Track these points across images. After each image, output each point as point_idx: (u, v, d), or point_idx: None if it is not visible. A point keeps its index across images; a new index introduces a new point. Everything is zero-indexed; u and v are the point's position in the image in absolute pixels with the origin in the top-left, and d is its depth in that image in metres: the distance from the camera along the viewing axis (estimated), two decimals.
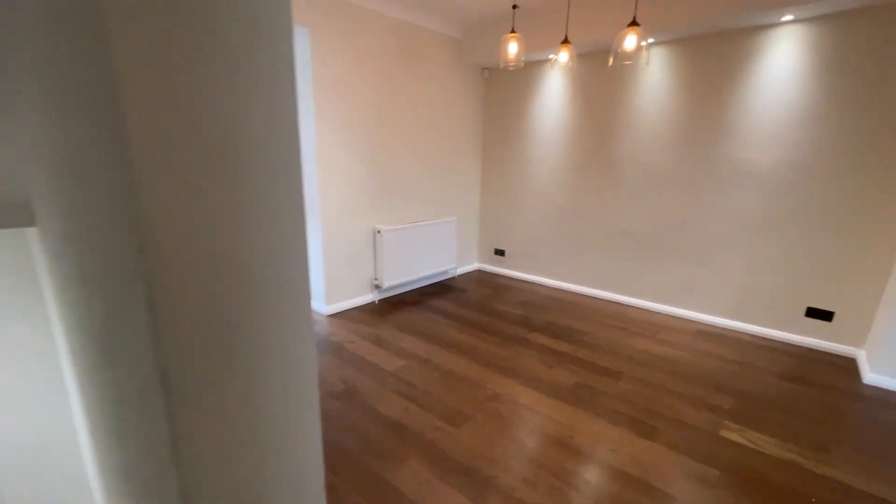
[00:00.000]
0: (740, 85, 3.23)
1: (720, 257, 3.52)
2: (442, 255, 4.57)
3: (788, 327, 3.29)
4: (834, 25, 2.85)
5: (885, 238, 2.85)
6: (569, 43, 2.86)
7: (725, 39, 3.24)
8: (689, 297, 3.73)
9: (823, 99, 2.94)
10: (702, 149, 3.47)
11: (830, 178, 2.98)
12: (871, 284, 2.94)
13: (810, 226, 3.10)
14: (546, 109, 4.33)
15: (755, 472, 1.93)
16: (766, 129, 3.17)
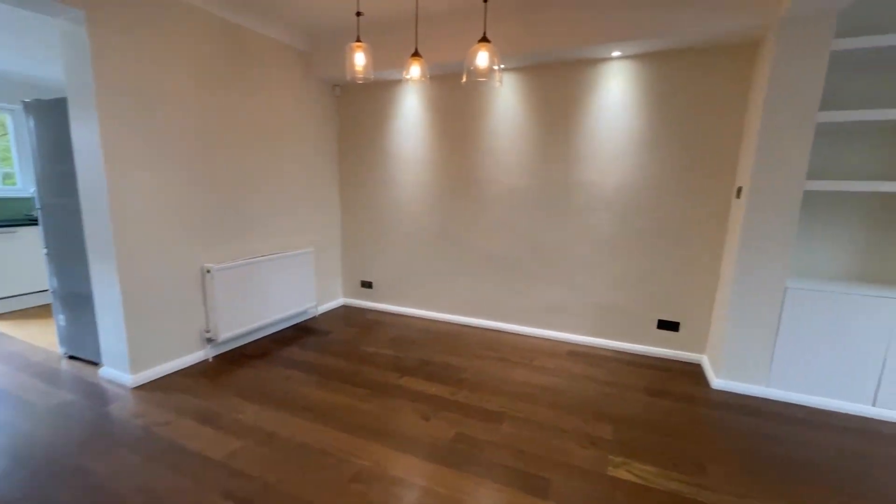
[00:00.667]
0: (584, 112, 3.38)
1: (580, 277, 3.59)
2: (298, 293, 3.91)
3: (644, 340, 3.46)
4: (655, 63, 3.13)
5: (709, 253, 3.17)
6: (419, 56, 2.61)
7: (570, 70, 3.38)
8: (557, 318, 3.74)
9: (652, 127, 3.20)
10: (556, 172, 3.55)
11: (665, 199, 3.24)
12: (705, 296, 3.23)
13: (654, 243, 3.32)
14: (406, 130, 4.07)
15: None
16: (609, 153, 3.35)
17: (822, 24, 2.40)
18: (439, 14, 3.32)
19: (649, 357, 3.41)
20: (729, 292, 2.80)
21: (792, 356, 2.68)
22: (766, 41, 2.62)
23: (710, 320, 3.23)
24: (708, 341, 3.24)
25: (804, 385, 2.68)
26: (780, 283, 2.66)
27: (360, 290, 4.62)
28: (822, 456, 2.18)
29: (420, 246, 4.20)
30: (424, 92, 3.94)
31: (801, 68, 2.46)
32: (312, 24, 3.58)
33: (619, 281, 3.47)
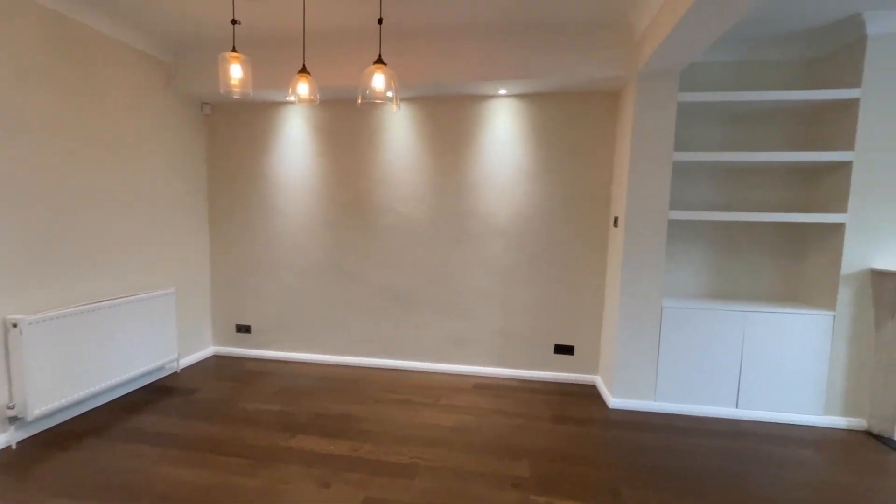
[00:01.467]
0: (477, 145, 3.45)
1: (481, 306, 3.57)
2: (154, 345, 3.18)
3: (545, 366, 3.53)
4: (538, 103, 3.35)
5: (595, 277, 3.40)
6: (308, 73, 2.38)
7: (462, 103, 3.45)
8: (461, 351, 3.63)
9: (538, 160, 3.39)
10: (452, 202, 3.53)
11: (553, 228, 3.41)
12: (594, 319, 3.44)
13: (547, 270, 3.45)
14: (292, 157, 3.71)
15: None
16: (501, 184, 3.45)
17: (669, 79, 2.79)
18: (328, 35, 3.13)
19: (550, 383, 3.47)
20: (615, 314, 3.00)
21: (672, 370, 2.94)
22: (628, 90, 2.98)
23: (600, 342, 3.43)
24: (600, 362, 3.43)
25: (685, 395, 2.94)
26: (658, 303, 2.93)
27: (235, 336, 3.97)
28: (711, 461, 2.36)
29: (308, 282, 3.79)
30: (313, 116, 3.66)
31: (658, 115, 2.82)
32: (175, 32, 3.10)
33: (517, 308, 3.52)
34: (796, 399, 2.83)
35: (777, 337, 2.81)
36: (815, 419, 2.82)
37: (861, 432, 2.75)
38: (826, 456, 2.45)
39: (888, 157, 2.65)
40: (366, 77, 2.27)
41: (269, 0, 2.62)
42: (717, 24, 2.14)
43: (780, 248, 3.12)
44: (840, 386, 2.79)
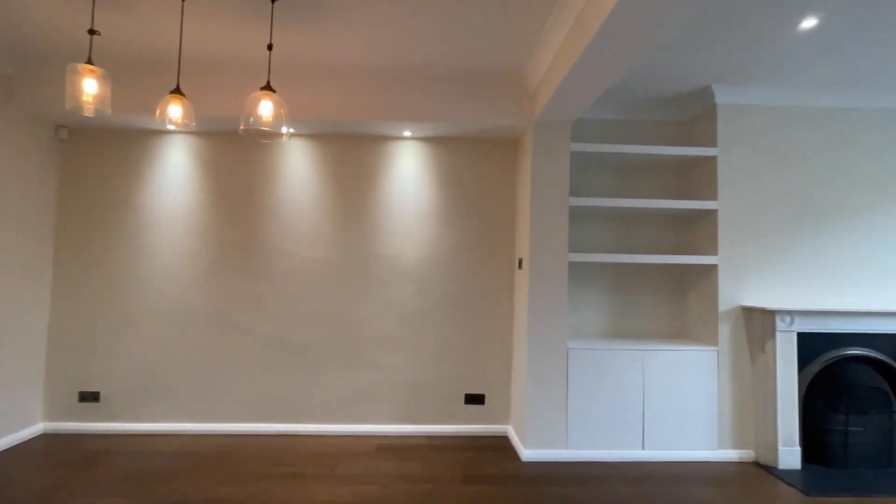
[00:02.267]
0: (381, 186, 3.33)
1: (386, 356, 3.28)
2: None
3: (454, 419, 3.29)
4: (443, 146, 3.36)
5: (503, 321, 3.33)
6: (182, 95, 2.10)
7: (366, 143, 3.34)
8: (363, 408, 3.26)
9: (443, 203, 3.34)
10: (356, 244, 3.31)
11: (460, 271, 3.32)
12: (504, 364, 3.33)
13: (455, 315, 3.31)
14: (170, 190, 3.25)
15: None
16: (406, 227, 3.32)
17: (563, 130, 2.96)
18: (213, 60, 2.87)
19: (461, 437, 3.23)
20: (523, 358, 2.92)
21: (581, 413, 2.88)
22: (526, 138, 3.10)
23: (511, 389, 3.31)
24: (511, 410, 3.28)
25: (595, 440, 2.88)
26: (564, 344, 2.90)
27: (77, 406, 3.18)
28: None
29: (181, 335, 3.21)
30: (198, 148, 3.28)
31: (554, 162, 2.95)
32: (18, 40, 2.62)
33: (426, 357, 3.30)
34: (693, 435, 2.91)
35: (673, 373, 2.92)
36: (710, 454, 2.90)
37: (750, 463, 2.88)
38: (721, 492, 2.49)
39: (744, 205, 3.01)
40: (250, 103, 2.06)
41: (136, 9, 2.32)
42: (596, 82, 2.31)
43: (668, 287, 3.34)
44: (728, 419, 2.93)
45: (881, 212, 3.03)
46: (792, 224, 3.01)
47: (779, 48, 2.50)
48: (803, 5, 2.11)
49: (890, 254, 3.02)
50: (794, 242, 3.00)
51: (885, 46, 2.46)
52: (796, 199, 3.02)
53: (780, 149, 3.04)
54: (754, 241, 3.00)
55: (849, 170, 3.04)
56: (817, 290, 3.00)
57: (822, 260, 3.00)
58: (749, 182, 3.02)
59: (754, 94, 3.01)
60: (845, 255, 3.01)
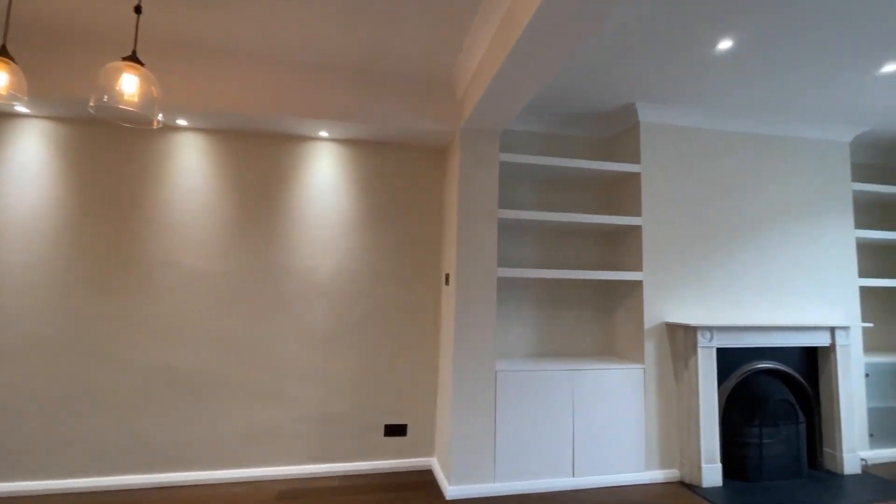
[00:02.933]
0: (293, 190, 2.96)
1: (294, 386, 2.86)
2: None
3: (373, 454, 2.92)
4: (364, 150, 3.07)
5: (428, 342, 3.06)
6: (8, 59, 1.64)
7: (276, 143, 2.96)
8: (263, 448, 2.79)
9: (364, 212, 3.04)
10: (261, 255, 2.88)
11: (382, 287, 3.02)
12: (428, 390, 3.04)
13: (375, 335, 2.98)
14: (13, 186, 2.63)
15: None
16: (322, 237, 2.97)
17: (492, 138, 2.81)
18: (72, 30, 2.37)
19: (380, 473, 2.86)
20: (449, 384, 2.66)
21: (510, 443, 2.66)
22: (454, 146, 2.91)
23: (436, 417, 3.02)
24: (436, 440, 2.99)
25: (524, 470, 2.66)
26: (492, 367, 2.69)
27: None
28: None
29: (20, 369, 2.56)
30: (56, 136, 2.69)
31: (483, 172, 2.78)
32: None
33: (341, 385, 2.91)
34: (622, 457, 2.80)
35: (601, 393, 2.81)
36: (638, 476, 2.81)
37: (676, 483, 2.82)
38: None
39: (665, 222, 3.04)
40: (106, 75, 1.63)
41: None
42: (525, 86, 2.17)
43: (596, 304, 3.28)
44: (654, 438, 2.87)
45: (785, 232, 3.21)
46: (707, 242, 3.09)
47: (697, 70, 2.55)
48: (719, 27, 2.14)
49: (791, 271, 3.19)
50: (709, 259, 3.07)
51: (792, 76, 2.59)
52: (711, 217, 3.11)
53: (696, 169, 3.13)
54: (675, 257, 3.03)
55: (758, 192, 3.20)
56: (731, 305, 3.08)
57: (732, 277, 3.10)
58: (670, 199, 3.06)
59: (674, 115, 3.08)
60: (753, 273, 3.13)
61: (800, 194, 3.26)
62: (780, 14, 2.06)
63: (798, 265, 3.20)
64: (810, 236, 3.25)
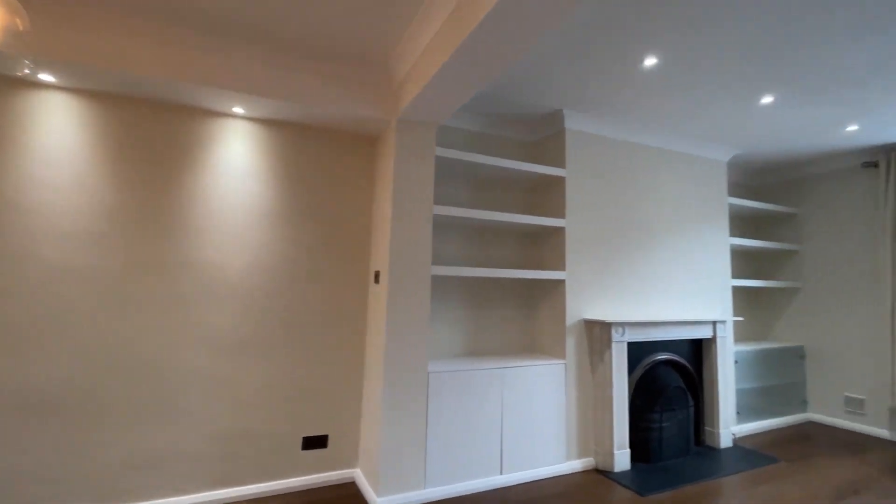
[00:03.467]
0: (198, 172, 2.55)
1: (196, 402, 2.46)
2: None
3: (290, 471, 2.64)
4: (287, 133, 2.77)
5: (353, 345, 2.87)
6: None
7: (177, 114, 2.52)
8: (154, 477, 2.35)
9: (284, 202, 2.74)
10: (154, 248, 2.43)
11: (302, 286, 2.75)
12: (352, 396, 2.84)
13: (294, 342, 2.70)
14: None
15: None
16: (232, 228, 2.61)
17: (429, 131, 2.72)
18: None
19: (298, 491, 2.59)
20: (378, 388, 2.50)
21: (441, 445, 2.59)
22: (387, 136, 2.76)
23: (360, 425, 2.83)
24: (360, 450, 2.80)
25: (454, 473, 2.61)
26: (424, 368, 2.59)
27: None
28: None
29: None
30: None
31: (418, 165, 2.67)
32: None
33: (254, 396, 2.58)
34: (545, 450, 2.90)
35: (527, 390, 2.88)
36: (560, 467, 2.93)
37: (592, 471, 3.00)
38: (559, 498, 2.49)
39: (586, 224, 3.22)
40: None
41: None
42: (471, 81, 2.12)
43: (521, 302, 3.36)
44: (574, 430, 3.03)
45: (677, 238, 3.60)
46: (617, 244, 3.34)
47: (620, 84, 2.73)
48: (647, 44, 2.30)
49: (680, 272, 3.60)
50: (618, 260, 3.33)
51: (689, 96, 2.90)
52: (621, 222, 3.37)
53: (611, 176, 3.36)
54: (592, 257, 3.22)
55: (657, 201, 3.55)
56: (635, 303, 3.37)
57: (636, 276, 3.40)
58: (589, 203, 3.25)
59: (595, 124, 3.28)
60: (652, 273, 3.46)
61: (687, 205, 3.70)
62: (694, 35, 2.27)
63: (685, 267, 3.62)
64: (696, 242, 3.70)
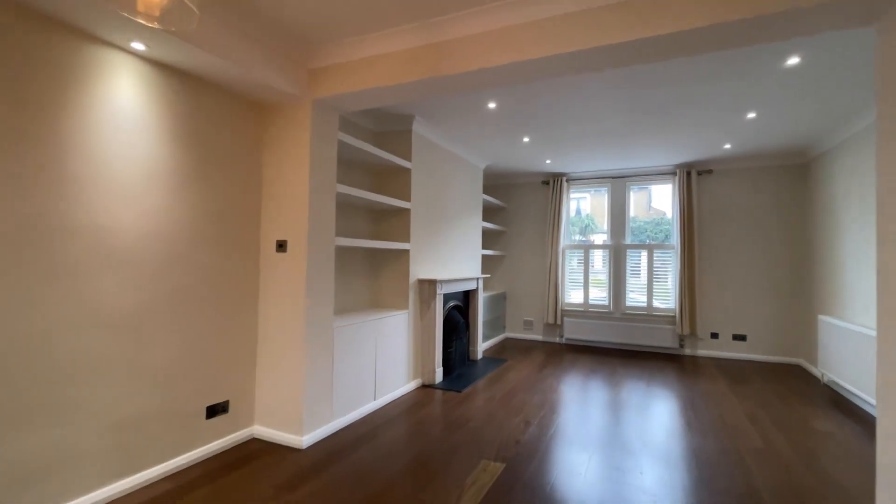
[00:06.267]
0: (83, 113, 2.06)
1: (86, 390, 2.09)
2: None
3: (197, 441, 2.56)
4: (188, 84, 2.47)
5: (249, 312, 2.92)
6: None
7: (55, 35, 1.94)
8: (43, 489, 1.92)
9: (181, 162, 2.51)
10: (30, 204, 1.88)
11: (200, 253, 2.61)
12: (248, 361, 2.92)
13: (194, 313, 2.57)
14: None
15: None
16: (124, 185, 2.24)
17: (336, 117, 3.06)
18: None
19: (214, 457, 2.59)
20: (295, 346, 2.80)
21: (340, 386, 3.13)
22: (293, 113, 2.89)
23: (255, 385, 2.96)
24: (256, 408, 2.95)
25: (349, 405, 3.21)
26: (331, 324, 3.04)
27: None
28: (389, 460, 2.88)
29: None
30: None
31: (328, 146, 2.99)
32: None
33: (153, 374, 2.36)
34: (398, 377, 3.85)
35: (388, 335, 3.71)
36: (408, 387, 3.95)
37: (421, 387, 4.16)
38: (416, 413, 3.60)
39: (424, 208, 4.23)
40: None
41: None
42: (392, 100, 2.75)
43: (369, 267, 4.07)
44: (412, 359, 4.08)
45: (458, 220, 5.12)
46: (436, 223, 4.53)
47: (461, 114, 3.84)
48: (486, 98, 3.49)
49: (460, 244, 5.16)
50: (437, 234, 4.53)
51: (500, 132, 4.34)
52: (438, 207, 4.57)
53: (438, 173, 4.48)
54: (424, 232, 4.29)
55: (454, 194, 4.93)
56: (444, 265, 4.69)
57: (442, 246, 4.71)
58: (423, 192, 4.27)
59: (433, 132, 4.28)
60: (449, 243, 4.87)
61: (461, 196, 5.27)
62: (508, 97, 3.64)
63: (460, 240, 5.21)
64: (466, 223, 5.33)
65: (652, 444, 2.91)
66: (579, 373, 4.76)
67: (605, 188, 6.28)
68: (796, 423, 3.33)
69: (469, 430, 3.11)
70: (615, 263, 6.15)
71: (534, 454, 2.75)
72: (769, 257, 5.40)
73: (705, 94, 3.37)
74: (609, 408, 3.64)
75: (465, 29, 2.41)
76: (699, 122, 4.07)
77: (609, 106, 3.67)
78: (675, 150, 5.07)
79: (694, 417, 3.44)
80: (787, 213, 5.33)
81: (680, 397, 3.94)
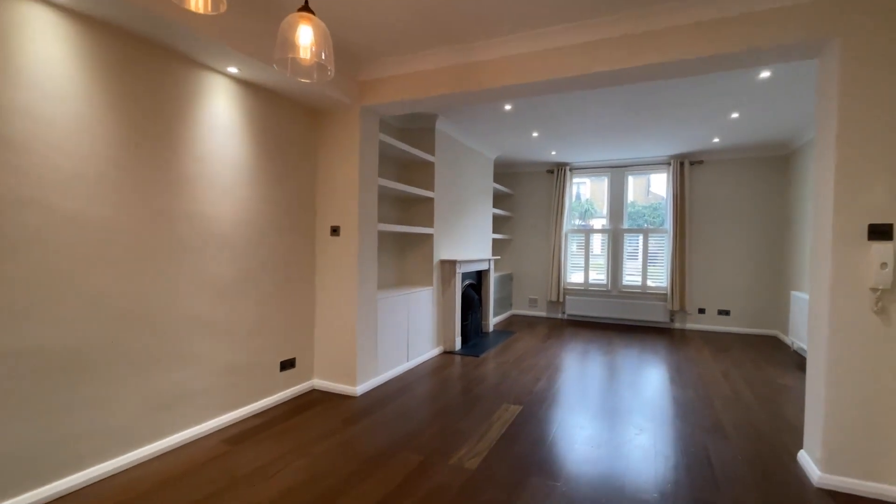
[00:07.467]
0: (191, 126, 2.61)
1: (200, 343, 2.68)
2: None
3: (273, 389, 3.18)
4: (261, 96, 2.98)
5: (308, 284, 3.51)
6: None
7: (174, 64, 2.46)
8: (167, 418, 2.53)
9: (256, 159, 3.05)
10: (153, 198, 2.44)
11: (273, 236, 3.18)
12: (308, 327, 3.52)
13: (268, 283, 3.16)
14: None
15: None
16: (221, 182, 2.80)
17: (376, 121, 3.59)
18: None
19: (287, 402, 3.22)
20: (348, 314, 3.40)
21: (382, 348, 3.74)
22: (348, 118, 3.43)
23: (314, 345, 3.57)
24: (315, 364, 3.57)
25: (388, 364, 3.83)
26: (375, 296, 3.63)
27: None
28: (421, 402, 3.51)
29: None
30: None
31: (371, 147, 3.53)
32: None
33: (244, 333, 2.96)
34: (425, 344, 4.47)
35: (417, 307, 4.32)
36: (430, 353, 4.58)
37: (443, 353, 4.79)
38: (445, 373, 4.23)
39: (444, 197, 4.79)
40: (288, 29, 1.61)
41: None
42: (426, 109, 3.28)
43: (398, 249, 4.65)
44: (436, 330, 4.70)
45: (473, 207, 5.68)
46: (455, 211, 5.10)
47: (483, 115, 4.36)
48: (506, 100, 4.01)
49: (472, 228, 5.73)
50: (455, 221, 5.10)
51: (511, 128, 4.87)
52: (456, 196, 5.13)
53: (456, 166, 5.02)
54: (445, 219, 4.86)
55: (468, 183, 5.48)
56: (460, 248, 5.27)
57: (461, 231, 5.29)
58: (444, 183, 4.82)
59: (456, 131, 4.81)
60: (465, 228, 5.44)
61: (475, 185, 5.82)
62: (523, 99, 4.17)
63: (472, 225, 5.78)
64: (479, 210, 5.90)
65: (641, 393, 3.55)
66: (580, 343, 5.40)
67: (606, 176, 6.84)
68: (763, 380, 3.97)
69: (489, 385, 3.75)
70: (613, 246, 6.75)
71: (544, 399, 3.38)
72: (752, 240, 6.00)
73: (693, 97, 3.91)
74: (606, 368, 4.28)
75: (490, 54, 2.95)
76: (689, 120, 4.61)
77: (609, 106, 4.20)
78: (669, 143, 5.61)
79: (677, 375, 4.08)
80: (770, 201, 5.91)
81: (666, 361, 4.58)
